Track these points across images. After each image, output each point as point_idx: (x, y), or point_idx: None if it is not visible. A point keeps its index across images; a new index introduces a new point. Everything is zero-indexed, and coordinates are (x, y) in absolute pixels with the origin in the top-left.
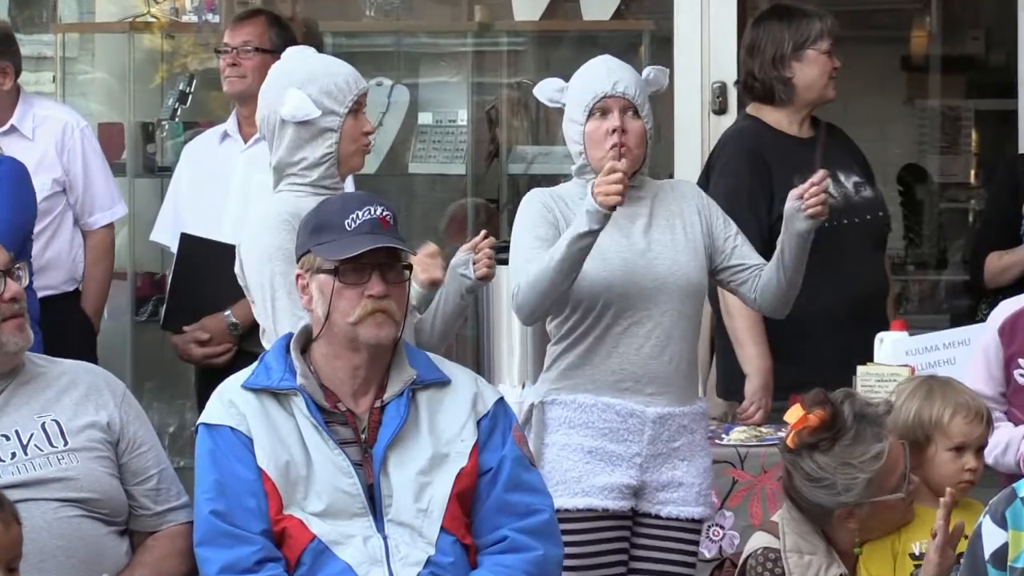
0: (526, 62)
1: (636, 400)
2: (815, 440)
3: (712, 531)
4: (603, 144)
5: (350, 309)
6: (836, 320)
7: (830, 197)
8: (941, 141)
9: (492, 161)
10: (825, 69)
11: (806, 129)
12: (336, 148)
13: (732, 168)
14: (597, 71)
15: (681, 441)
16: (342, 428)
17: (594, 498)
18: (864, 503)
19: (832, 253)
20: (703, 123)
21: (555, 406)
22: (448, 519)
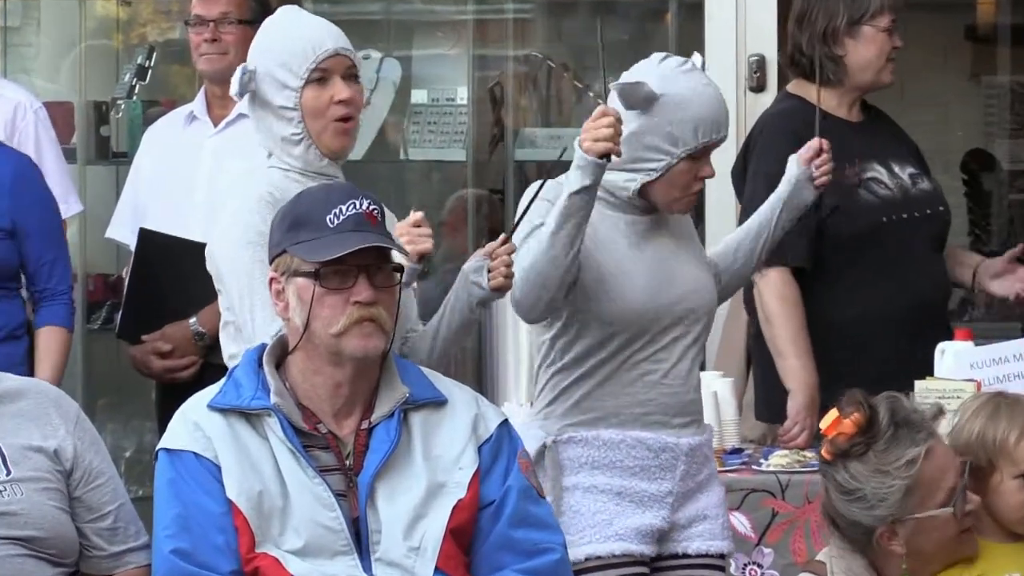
0: (534, 32)
1: (667, 432)
2: (849, 446)
3: (749, 570)
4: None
5: (333, 318)
6: (893, 328)
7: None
8: (1011, 123)
9: (496, 146)
10: (883, 49)
11: (856, 113)
12: (303, 126)
13: (772, 153)
14: (712, 103)
15: (704, 472)
16: (323, 453)
17: (630, 542)
18: (906, 519)
19: (888, 252)
20: (738, 102)
21: (572, 445)
22: (443, 558)
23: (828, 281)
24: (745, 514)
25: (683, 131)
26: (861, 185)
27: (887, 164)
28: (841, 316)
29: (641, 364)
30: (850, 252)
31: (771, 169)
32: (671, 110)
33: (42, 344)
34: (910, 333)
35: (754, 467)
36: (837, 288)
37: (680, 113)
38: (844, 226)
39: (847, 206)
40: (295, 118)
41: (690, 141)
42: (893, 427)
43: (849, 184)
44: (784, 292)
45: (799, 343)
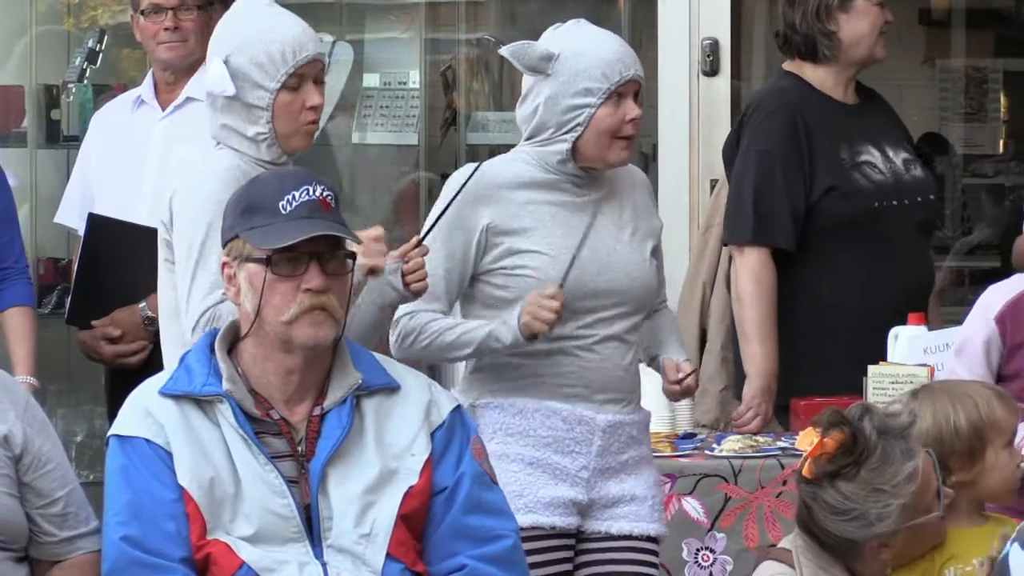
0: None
1: (585, 406)
2: (836, 467)
3: (701, 556)
4: (614, 133)
5: (284, 305)
6: (878, 314)
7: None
8: (965, 107)
9: (448, 130)
10: (876, 23)
11: (851, 94)
12: (271, 127)
13: (766, 132)
14: (611, 46)
15: (629, 454)
16: (275, 440)
17: (539, 514)
18: (899, 530)
19: (877, 237)
20: (691, 86)
21: (489, 410)
22: (395, 544)
23: (814, 263)
24: (698, 499)
25: (592, 78)
26: (856, 168)
27: (882, 148)
28: (826, 299)
29: (564, 339)
30: (839, 235)
31: (763, 147)
32: (573, 62)
33: (15, 326)
34: (895, 319)
35: (707, 452)
36: (823, 271)
37: (583, 62)
38: (836, 209)
39: (841, 188)
40: (264, 118)
41: (602, 83)
42: (880, 442)
43: (844, 166)
44: (760, 274)
45: (764, 328)
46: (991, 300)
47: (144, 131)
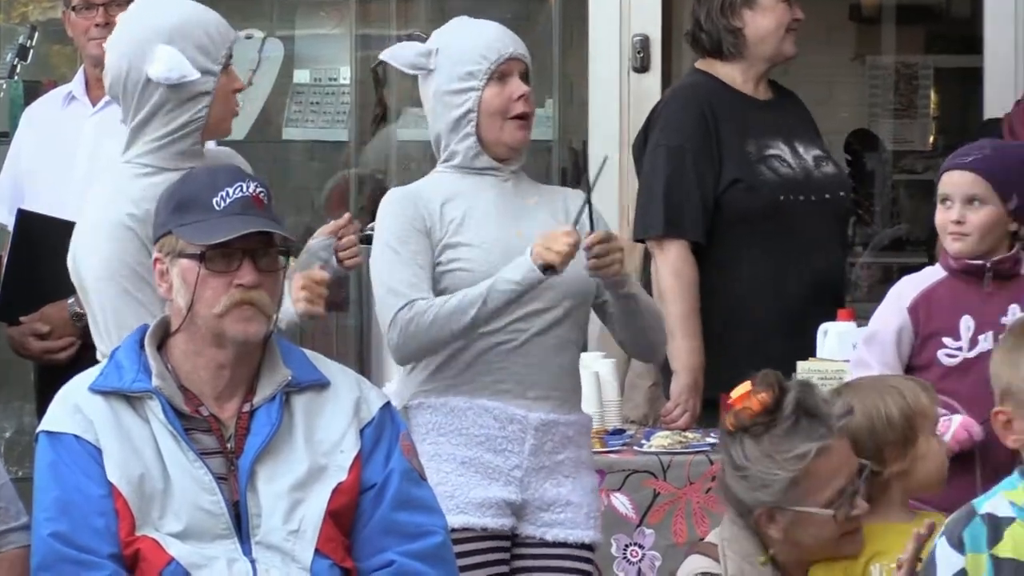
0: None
1: (517, 405)
2: (751, 424)
3: (630, 551)
4: (505, 113)
5: (215, 299)
6: (787, 309)
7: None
8: (895, 103)
9: (379, 126)
10: (782, 20)
11: (763, 90)
12: (207, 112)
13: (676, 126)
14: (490, 29)
15: (565, 455)
16: (204, 436)
17: (471, 515)
18: (785, 509)
19: (785, 232)
20: (622, 82)
21: (422, 410)
22: (323, 541)
23: (724, 258)
24: (626, 495)
25: (472, 61)
26: (762, 161)
27: (791, 144)
28: (736, 294)
29: (497, 334)
30: (747, 229)
31: (672, 142)
32: (452, 52)
33: None
34: (804, 315)
35: (636, 448)
36: (733, 265)
37: (461, 49)
38: (742, 201)
39: (746, 181)
40: (205, 103)
41: (482, 64)
42: (795, 416)
43: (750, 159)
44: (680, 269)
45: (688, 324)
46: (904, 290)
47: (75, 127)
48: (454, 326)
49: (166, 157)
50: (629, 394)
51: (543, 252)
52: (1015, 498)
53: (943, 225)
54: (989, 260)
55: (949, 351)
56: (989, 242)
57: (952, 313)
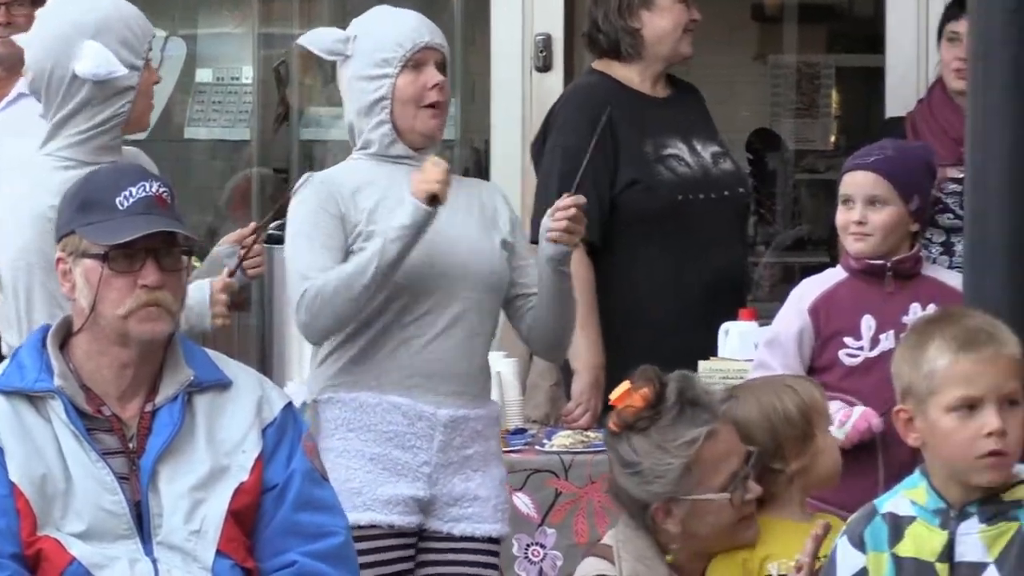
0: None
1: (426, 400)
2: (635, 420)
3: (531, 551)
4: (418, 101)
5: (120, 300)
6: (687, 308)
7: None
8: (796, 102)
9: (281, 125)
10: (679, 20)
11: (661, 88)
12: (130, 108)
13: (572, 127)
14: (407, 18)
15: (474, 449)
16: (107, 436)
17: (378, 512)
18: (681, 499)
19: (684, 231)
20: (524, 81)
21: (331, 405)
22: (225, 541)
23: (621, 258)
24: (528, 494)
25: (387, 49)
26: (660, 161)
27: (689, 142)
28: (634, 294)
29: (407, 328)
30: (645, 229)
31: (569, 142)
32: (369, 39)
33: None
34: (704, 314)
35: (537, 447)
36: (630, 265)
37: (378, 36)
38: (640, 202)
39: (644, 181)
40: (129, 98)
41: (397, 52)
42: (679, 405)
43: (647, 159)
44: (576, 270)
45: (587, 323)
46: (805, 292)
47: None
48: (356, 287)
49: (87, 151)
50: (531, 394)
51: (423, 186)
52: (916, 497)
53: (844, 225)
54: (890, 260)
55: (851, 351)
56: (891, 242)
57: (853, 313)
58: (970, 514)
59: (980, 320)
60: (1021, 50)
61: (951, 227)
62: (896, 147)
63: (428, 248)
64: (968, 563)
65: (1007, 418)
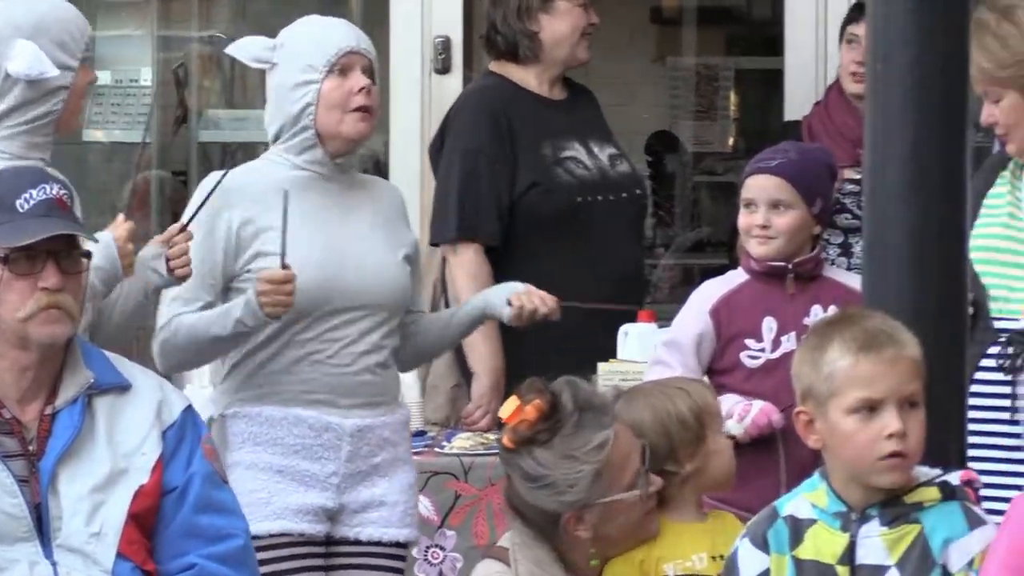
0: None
1: (331, 412)
2: (533, 434)
3: (431, 553)
4: (344, 106)
5: (20, 303)
6: (589, 312)
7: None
8: (696, 105)
9: (180, 127)
10: (577, 24)
11: (558, 91)
12: (62, 107)
13: (471, 130)
14: (333, 25)
15: (382, 456)
16: (6, 439)
17: (288, 521)
18: (594, 504)
19: (583, 233)
20: (423, 84)
21: (238, 420)
22: (125, 543)
23: (520, 261)
24: (428, 496)
25: (313, 55)
26: (558, 164)
27: (587, 144)
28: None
29: (308, 343)
30: (544, 231)
31: (468, 145)
32: (295, 46)
33: None
34: (602, 316)
35: (437, 449)
36: (530, 268)
37: (304, 43)
38: (539, 204)
39: (543, 184)
40: (61, 97)
41: (323, 57)
42: (578, 412)
43: (546, 162)
44: (475, 272)
45: (487, 326)
46: (706, 293)
47: None
48: (203, 345)
49: (19, 146)
50: (430, 395)
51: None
52: (816, 500)
53: (747, 228)
54: (791, 262)
55: (752, 353)
56: (795, 245)
57: (754, 315)
58: (871, 517)
59: (880, 321)
60: (920, 52)
61: (849, 227)
62: (798, 150)
63: (334, 268)
64: (869, 566)
65: (907, 419)
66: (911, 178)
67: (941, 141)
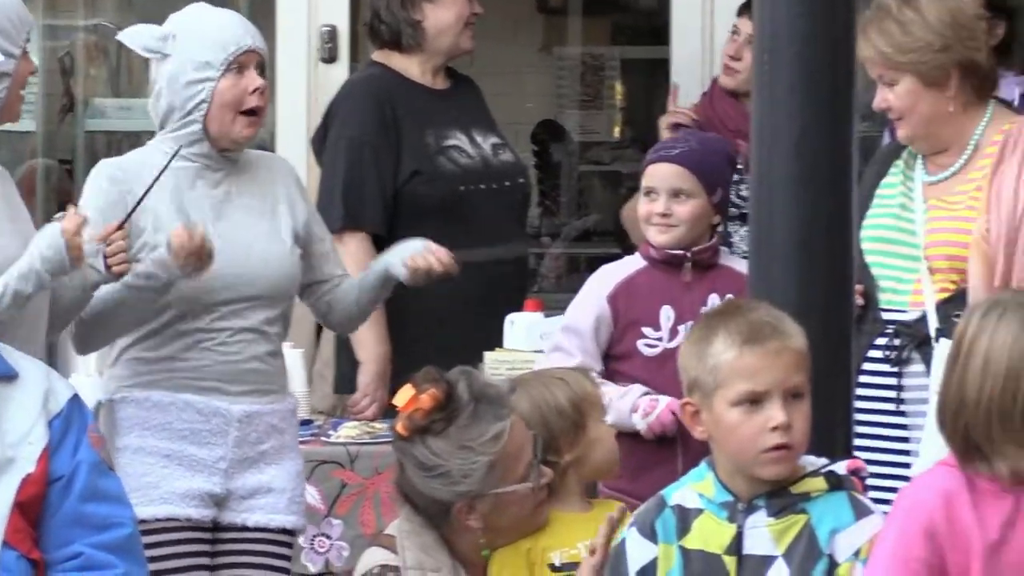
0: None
1: (220, 398)
2: (428, 423)
3: (317, 542)
4: (238, 106)
5: None
6: (471, 299)
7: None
8: (581, 94)
9: (66, 116)
10: (461, 14)
11: (441, 80)
12: (6, 95)
13: (355, 119)
14: (229, 21)
15: (270, 443)
16: None
17: (174, 506)
18: (486, 494)
19: (467, 221)
20: (310, 73)
21: (126, 405)
22: (11, 532)
23: None
24: (314, 485)
25: (210, 51)
26: (441, 152)
27: (470, 133)
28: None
29: (197, 332)
30: (428, 220)
31: (353, 133)
32: (190, 38)
33: None
34: (488, 304)
35: (323, 439)
36: None
37: (200, 37)
38: (423, 193)
39: (427, 172)
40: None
41: (220, 54)
42: (473, 402)
43: (429, 151)
44: (362, 261)
45: (373, 315)
46: (604, 279)
47: None
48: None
49: None
50: (317, 384)
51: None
52: (703, 490)
53: (648, 216)
54: (690, 251)
55: (649, 341)
56: (695, 234)
57: (652, 303)
58: (758, 507)
59: (764, 313)
60: (805, 46)
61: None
62: (699, 140)
63: (221, 259)
64: (756, 556)
65: (792, 411)
66: (797, 171)
67: (828, 134)
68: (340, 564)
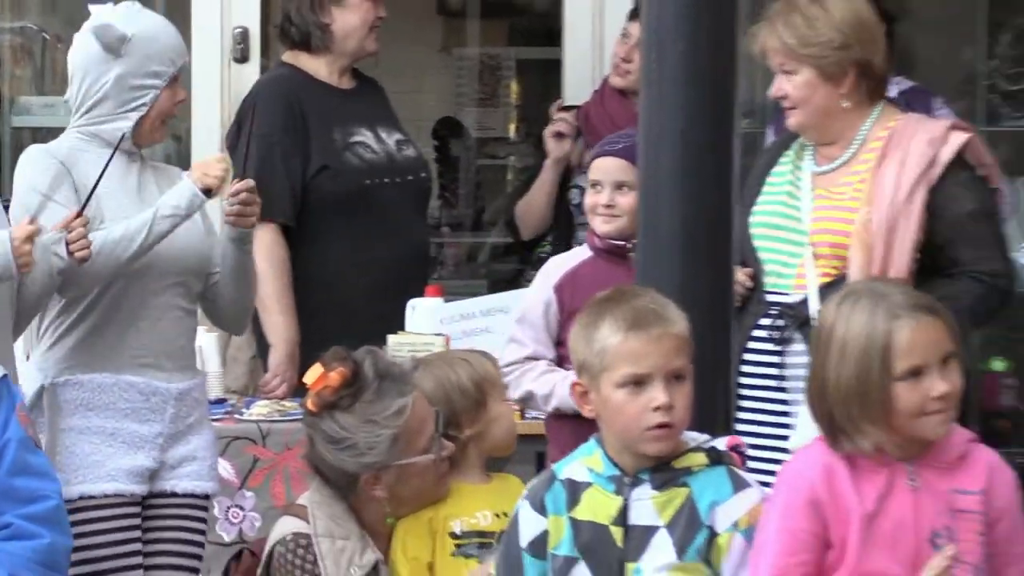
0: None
1: (158, 377)
2: (336, 399)
3: (231, 513)
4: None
5: None
6: (374, 286)
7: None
8: (479, 92)
9: None
10: (367, 18)
11: (347, 80)
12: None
13: (265, 119)
14: (171, 31)
15: (195, 415)
16: None
17: (121, 482)
18: (391, 466)
19: (371, 214)
20: (223, 72)
21: (69, 387)
22: None
23: (314, 239)
24: (228, 460)
25: (161, 62)
26: (348, 148)
27: (375, 130)
28: (325, 274)
29: (135, 311)
30: (335, 211)
31: (264, 131)
32: (145, 46)
33: None
34: (390, 291)
35: (236, 416)
36: (322, 246)
37: (154, 46)
38: (330, 187)
39: (334, 167)
40: None
41: (169, 67)
42: (378, 380)
43: (336, 147)
44: (272, 250)
45: (283, 300)
46: (551, 269)
47: None
48: (121, 255)
49: None
50: (230, 366)
51: (205, 179)
52: (592, 464)
53: (593, 207)
54: (632, 241)
55: None
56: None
57: (595, 291)
58: (643, 481)
59: (649, 300)
60: (690, 45)
61: None
62: None
63: None
64: (641, 526)
65: (673, 392)
66: (682, 166)
67: (711, 129)
68: (252, 534)
